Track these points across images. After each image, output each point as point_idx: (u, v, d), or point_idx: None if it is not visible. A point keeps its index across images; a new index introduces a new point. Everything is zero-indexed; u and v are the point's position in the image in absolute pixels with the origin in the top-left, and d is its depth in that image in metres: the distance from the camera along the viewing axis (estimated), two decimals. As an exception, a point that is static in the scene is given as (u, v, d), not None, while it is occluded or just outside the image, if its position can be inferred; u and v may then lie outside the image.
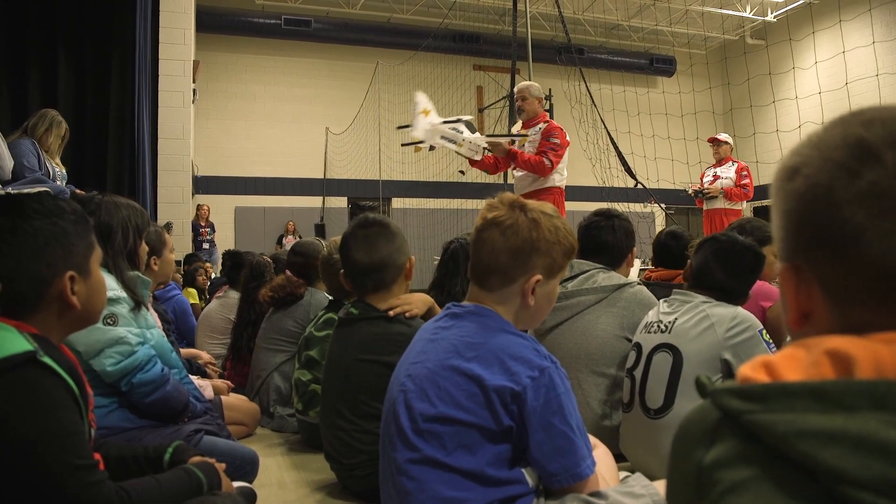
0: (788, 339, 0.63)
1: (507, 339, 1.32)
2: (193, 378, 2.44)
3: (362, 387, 1.93)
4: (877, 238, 0.51)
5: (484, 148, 4.52)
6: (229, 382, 2.99)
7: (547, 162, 4.51)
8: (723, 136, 6.56)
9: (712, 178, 6.35)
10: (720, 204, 6.25)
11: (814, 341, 0.52)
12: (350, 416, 1.96)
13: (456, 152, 4.50)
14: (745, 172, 6.24)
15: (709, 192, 6.27)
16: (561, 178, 4.64)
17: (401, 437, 1.32)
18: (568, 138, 4.62)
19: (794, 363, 0.51)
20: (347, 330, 2.03)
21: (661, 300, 2.15)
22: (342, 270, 2.11)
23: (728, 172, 6.30)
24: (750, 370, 0.53)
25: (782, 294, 0.60)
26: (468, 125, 4.45)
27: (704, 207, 6.41)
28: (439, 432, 1.27)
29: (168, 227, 4.28)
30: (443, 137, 4.35)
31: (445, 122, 4.36)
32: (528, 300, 1.38)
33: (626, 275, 2.48)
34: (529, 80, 7.18)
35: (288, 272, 3.27)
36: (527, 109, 4.75)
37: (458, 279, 2.58)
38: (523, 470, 1.30)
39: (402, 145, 4.87)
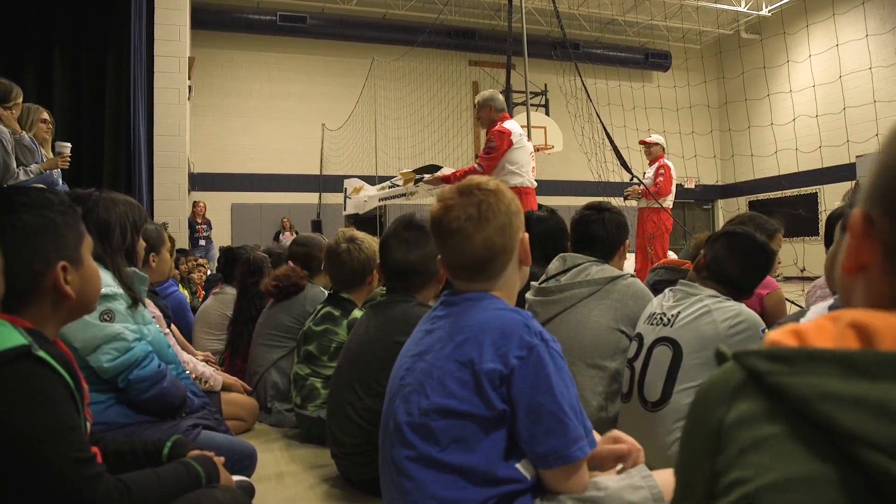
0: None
1: (498, 317, 1.29)
2: (201, 364, 2.45)
3: (378, 365, 1.96)
4: None
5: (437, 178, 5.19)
6: (242, 382, 2.98)
7: (478, 167, 4.68)
8: (652, 138, 6.82)
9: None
10: (644, 203, 6.58)
11: (840, 314, 0.53)
12: (361, 393, 2.00)
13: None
14: (661, 171, 6.53)
15: (627, 194, 6.66)
16: (520, 178, 4.67)
17: (398, 433, 1.30)
18: (514, 139, 4.66)
19: (823, 333, 0.52)
20: (377, 310, 2.10)
21: (668, 289, 2.14)
22: (378, 262, 2.22)
23: (650, 172, 6.63)
24: (779, 335, 0.54)
25: (843, 240, 0.60)
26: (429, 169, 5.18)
27: (637, 205, 6.72)
28: (433, 427, 1.25)
29: (164, 226, 4.29)
30: (381, 199, 5.36)
31: (391, 186, 5.20)
32: (528, 260, 1.39)
33: (620, 267, 2.49)
34: (525, 75, 7.21)
35: (291, 263, 3.29)
36: (482, 118, 4.93)
37: None
38: (518, 465, 1.26)
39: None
